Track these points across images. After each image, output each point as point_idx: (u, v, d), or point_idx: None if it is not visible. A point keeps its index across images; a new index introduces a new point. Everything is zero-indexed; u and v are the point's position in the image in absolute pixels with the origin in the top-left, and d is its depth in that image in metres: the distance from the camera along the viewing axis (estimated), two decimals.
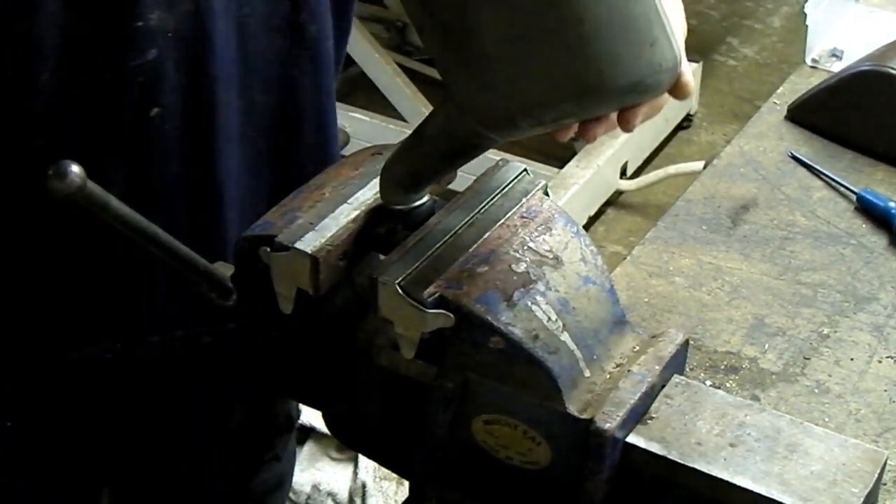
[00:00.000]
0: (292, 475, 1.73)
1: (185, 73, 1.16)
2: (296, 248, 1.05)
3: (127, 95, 1.15)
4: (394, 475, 2.25)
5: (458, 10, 0.89)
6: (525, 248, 1.04)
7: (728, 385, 1.37)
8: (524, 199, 1.10)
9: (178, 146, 1.19)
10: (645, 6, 0.89)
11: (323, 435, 2.37)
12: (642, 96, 0.93)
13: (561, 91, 0.90)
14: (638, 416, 1.01)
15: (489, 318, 0.99)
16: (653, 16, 0.89)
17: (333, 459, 2.39)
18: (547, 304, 1.01)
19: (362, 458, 2.35)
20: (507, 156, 1.42)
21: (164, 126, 1.17)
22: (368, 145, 1.19)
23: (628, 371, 1.03)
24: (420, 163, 1.04)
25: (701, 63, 3.56)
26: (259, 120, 1.26)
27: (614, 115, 0.97)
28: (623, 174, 3.36)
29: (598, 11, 0.87)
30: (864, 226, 1.62)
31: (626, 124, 0.98)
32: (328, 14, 1.28)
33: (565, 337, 1.01)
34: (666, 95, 0.98)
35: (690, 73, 0.98)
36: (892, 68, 1.73)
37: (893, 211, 1.60)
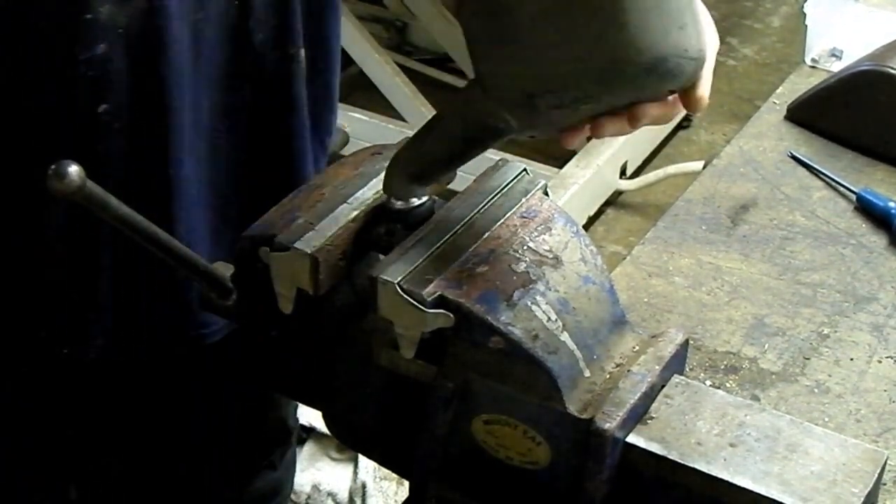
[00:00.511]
0: (291, 485, 1.72)
1: (136, 72, 1.15)
2: (296, 248, 1.05)
3: (75, 89, 1.14)
4: (394, 475, 2.25)
5: None
6: (525, 247, 1.04)
7: (728, 385, 1.37)
8: (524, 199, 1.09)
9: (126, 145, 1.18)
10: None
11: (323, 435, 2.37)
12: (662, 81, 0.94)
13: (586, 65, 0.92)
14: (638, 416, 1.01)
15: (489, 318, 0.99)
16: (685, 2, 0.93)
17: (333, 459, 2.39)
18: (547, 304, 1.01)
19: (362, 458, 2.34)
20: (507, 156, 1.42)
21: (113, 124, 1.16)
22: (368, 145, 1.19)
23: (628, 371, 1.02)
24: (431, 147, 1.04)
25: None
26: (211, 126, 1.25)
27: (623, 119, 0.98)
28: (623, 174, 3.35)
29: None
30: (863, 226, 1.62)
31: (634, 121, 0.98)
32: (286, 24, 1.25)
33: (565, 337, 1.01)
34: (678, 105, 0.99)
35: (708, 89, 0.99)
36: (892, 68, 1.73)
37: (893, 211, 1.60)
